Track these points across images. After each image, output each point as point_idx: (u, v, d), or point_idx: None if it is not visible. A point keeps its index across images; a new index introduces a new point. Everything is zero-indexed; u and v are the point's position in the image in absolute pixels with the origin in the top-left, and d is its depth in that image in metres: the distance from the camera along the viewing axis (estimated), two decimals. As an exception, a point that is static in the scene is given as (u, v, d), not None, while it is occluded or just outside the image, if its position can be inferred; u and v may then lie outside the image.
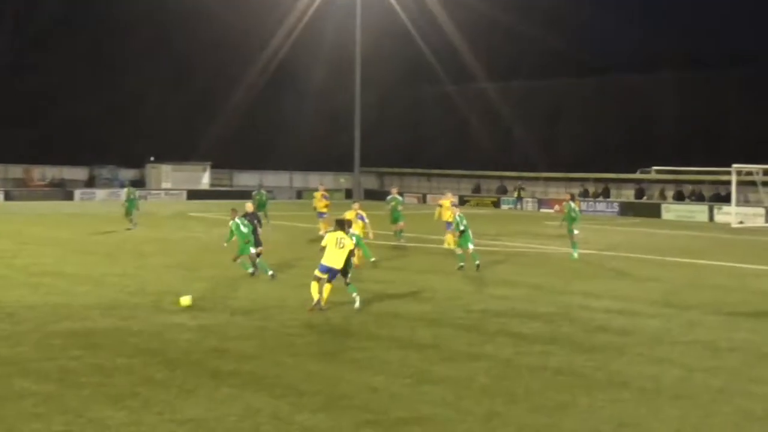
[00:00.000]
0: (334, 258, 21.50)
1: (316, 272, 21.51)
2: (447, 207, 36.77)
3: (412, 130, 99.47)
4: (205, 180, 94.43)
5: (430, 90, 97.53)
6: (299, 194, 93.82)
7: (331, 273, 21.58)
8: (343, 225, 22.22)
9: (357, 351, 16.75)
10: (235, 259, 27.30)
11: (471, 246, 30.38)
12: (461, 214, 30.93)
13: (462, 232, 30.35)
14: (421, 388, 14.08)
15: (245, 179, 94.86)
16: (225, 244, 27.90)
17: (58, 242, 37.94)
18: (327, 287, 21.67)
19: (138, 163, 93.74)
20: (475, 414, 12.74)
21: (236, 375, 14.67)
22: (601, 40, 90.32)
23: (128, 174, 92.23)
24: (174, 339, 17.59)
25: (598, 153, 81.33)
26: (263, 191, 50.05)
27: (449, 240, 35.59)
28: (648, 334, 19.12)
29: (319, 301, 21.35)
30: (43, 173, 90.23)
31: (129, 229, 44.67)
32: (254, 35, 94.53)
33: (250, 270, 27.42)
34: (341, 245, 21.53)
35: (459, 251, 30.65)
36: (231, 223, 27.39)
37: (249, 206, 29.37)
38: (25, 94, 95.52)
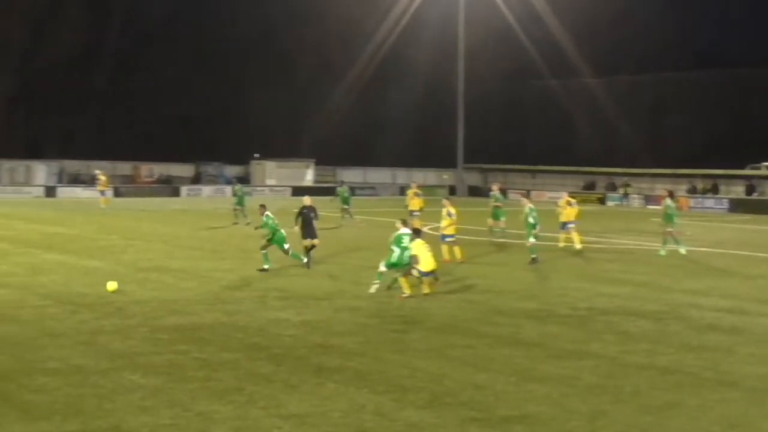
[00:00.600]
0: (429, 261, 22.85)
1: (416, 274, 22.67)
2: (564, 206, 36.55)
3: (516, 126, 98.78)
4: (309, 176, 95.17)
5: (534, 85, 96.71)
6: (402, 190, 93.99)
7: (433, 275, 23.13)
8: (419, 233, 23.77)
9: (461, 348, 16.69)
10: (287, 252, 28.32)
11: (531, 240, 30.88)
12: (532, 207, 31.74)
13: (532, 225, 30.99)
14: (526, 386, 13.96)
15: (349, 175, 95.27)
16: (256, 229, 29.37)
17: (165, 238, 38.61)
18: (428, 282, 23.02)
19: (243, 159, 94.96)
20: (581, 413, 12.59)
21: (340, 371, 14.74)
22: (709, 32, 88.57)
23: (233, 171, 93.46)
24: (278, 334, 17.76)
25: (707, 148, 79.67)
26: (346, 187, 50.96)
27: (571, 238, 35.51)
28: (759, 333, 18.66)
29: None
30: (151, 170, 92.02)
31: (236, 223, 45.51)
32: (358, 31, 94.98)
33: (304, 259, 28.44)
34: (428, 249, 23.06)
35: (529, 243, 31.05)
36: (265, 218, 28.42)
37: (306, 200, 30.60)
38: (134, 93, 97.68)
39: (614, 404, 13.02)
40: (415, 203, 44.24)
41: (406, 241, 22.87)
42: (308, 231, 29.57)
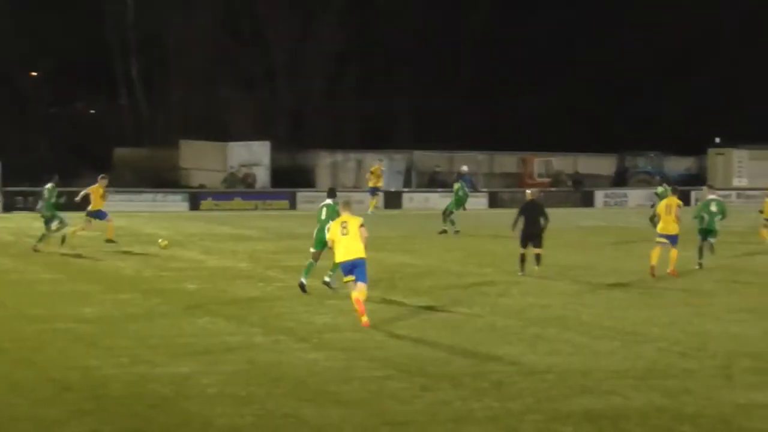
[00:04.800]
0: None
1: None
2: None
3: None
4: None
5: None
6: None
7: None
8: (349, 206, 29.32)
9: None
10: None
11: None
12: None
13: None
14: None
15: None
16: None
17: (570, 271, 38.86)
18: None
19: (695, 148, 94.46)
20: None
21: None
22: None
23: (678, 165, 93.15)
24: (751, 429, 17.46)
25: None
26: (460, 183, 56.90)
27: None
28: None
29: None
30: (548, 164, 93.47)
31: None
32: None
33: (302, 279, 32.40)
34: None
35: None
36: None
37: (530, 193, 38.10)
38: (523, 42, 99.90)
39: None
40: None
41: None
42: (527, 234, 36.72)
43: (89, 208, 46.87)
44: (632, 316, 28.93)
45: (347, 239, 27.24)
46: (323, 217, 32.23)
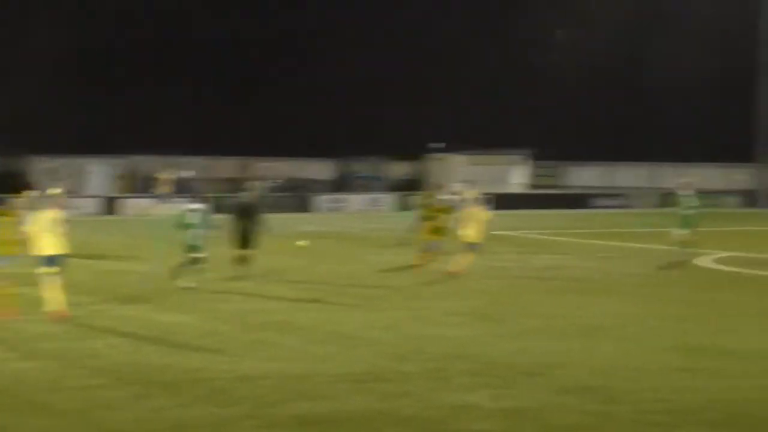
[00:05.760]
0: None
1: None
2: None
3: None
4: (519, 178, 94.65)
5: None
6: (665, 198, 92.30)
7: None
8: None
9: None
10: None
11: None
12: None
13: None
14: None
15: (583, 177, 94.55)
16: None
17: (288, 275, 39.04)
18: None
19: (414, 153, 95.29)
20: None
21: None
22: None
23: (398, 170, 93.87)
24: (463, 430, 17.68)
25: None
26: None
27: None
28: None
29: None
30: (270, 170, 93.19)
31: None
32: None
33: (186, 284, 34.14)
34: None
35: None
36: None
37: (247, 194, 39.41)
38: (237, 47, 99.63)
39: None
40: None
41: None
42: (241, 236, 37.68)
43: None
44: (351, 320, 29.20)
45: (51, 234, 27.87)
46: (194, 221, 34.39)
